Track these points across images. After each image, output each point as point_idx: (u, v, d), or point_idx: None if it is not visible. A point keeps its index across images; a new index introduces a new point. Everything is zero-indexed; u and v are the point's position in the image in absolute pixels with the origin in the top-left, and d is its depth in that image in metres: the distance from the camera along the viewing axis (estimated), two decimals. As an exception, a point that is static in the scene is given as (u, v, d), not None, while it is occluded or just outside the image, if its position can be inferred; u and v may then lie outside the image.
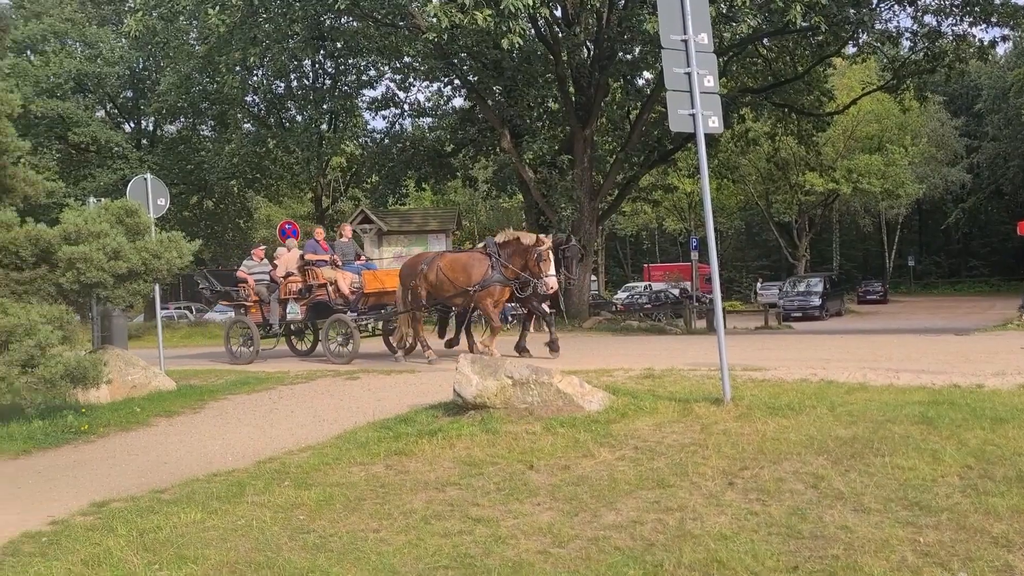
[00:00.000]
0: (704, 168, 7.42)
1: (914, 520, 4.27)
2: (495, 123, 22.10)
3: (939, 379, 7.60)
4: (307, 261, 13.56)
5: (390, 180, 27.37)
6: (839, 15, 17.68)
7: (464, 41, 18.52)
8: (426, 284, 12.24)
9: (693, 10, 7.20)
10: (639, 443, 6.15)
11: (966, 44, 20.65)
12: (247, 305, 14.13)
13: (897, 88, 24.11)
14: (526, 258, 11.64)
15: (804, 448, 5.59)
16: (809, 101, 25.43)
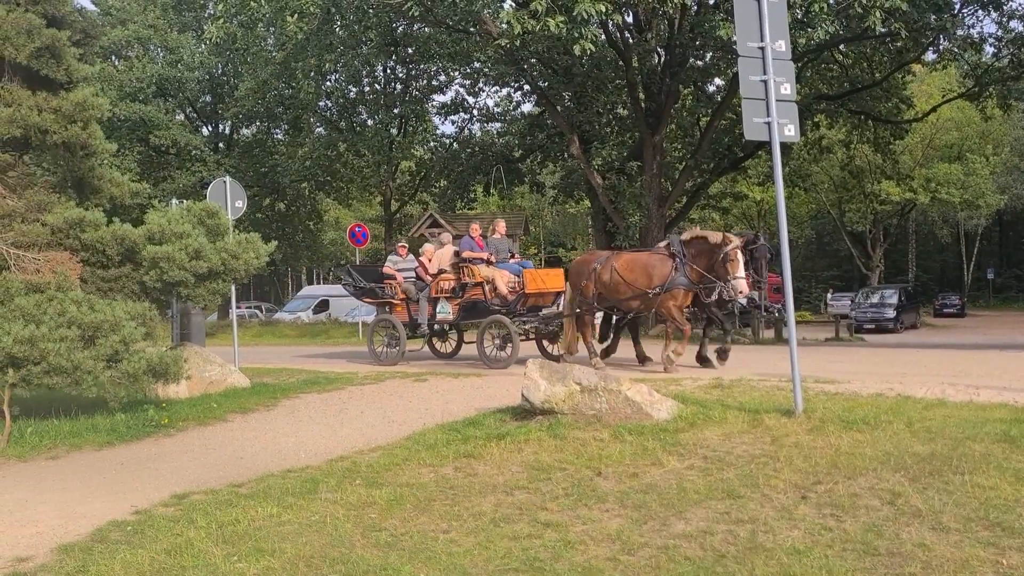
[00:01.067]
0: (779, 177, 7.33)
1: (996, 541, 4.16)
2: (564, 129, 22.12)
3: (1021, 397, 7.36)
4: (463, 258, 12.78)
5: (458, 184, 27.63)
6: (920, 21, 17.26)
7: (535, 47, 18.61)
8: (598, 285, 11.45)
9: (771, 17, 7.14)
10: (708, 452, 6.10)
11: (1054, 50, 19.95)
12: (393, 303, 13.48)
13: (979, 96, 23.40)
14: (711, 258, 10.70)
15: (880, 464, 5.48)
16: (887, 108, 24.84)
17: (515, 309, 12.31)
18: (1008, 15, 19.82)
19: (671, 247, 11.13)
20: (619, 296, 11.35)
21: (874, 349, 17.53)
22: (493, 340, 12.46)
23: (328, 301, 34.92)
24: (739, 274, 10.54)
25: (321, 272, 59.58)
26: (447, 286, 12.90)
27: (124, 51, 31.09)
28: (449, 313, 12.88)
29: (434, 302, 13.03)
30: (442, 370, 11.78)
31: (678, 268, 10.87)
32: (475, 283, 12.48)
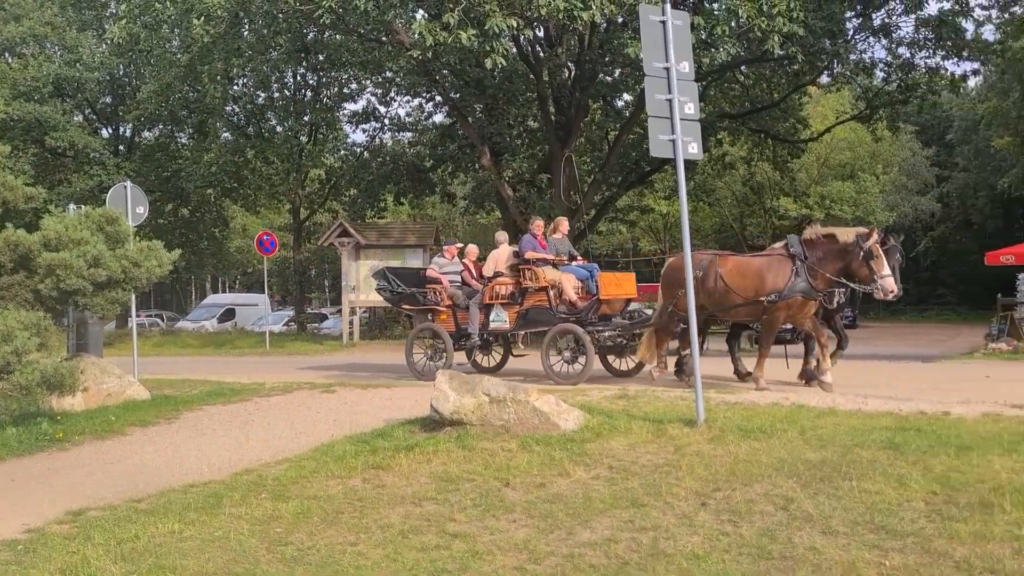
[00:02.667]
0: (683, 192, 7.58)
1: (880, 543, 4.40)
2: (475, 140, 22.25)
3: (906, 406, 7.78)
4: (525, 259, 11.43)
5: (368, 193, 27.44)
6: (815, 46, 18.04)
7: (447, 58, 18.70)
8: (701, 291, 9.78)
9: (675, 39, 7.38)
10: (614, 462, 6.25)
11: (938, 77, 21.14)
12: (438, 310, 12.18)
13: (870, 118, 24.57)
14: (847, 259, 9.50)
15: (775, 471, 5.72)
16: (785, 128, 25.84)
17: (587, 317, 11.14)
18: (896, 42, 20.91)
19: (789, 247, 9.89)
20: (726, 304, 10.10)
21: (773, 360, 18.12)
22: (561, 352, 11.19)
23: (234, 310, 34.15)
24: (885, 271, 9.37)
25: (227, 280, 58.14)
26: (504, 291, 11.61)
27: (18, 48, 29.73)
28: (505, 322, 11.58)
29: (487, 309, 11.70)
30: (351, 381, 11.68)
31: (799, 272, 9.57)
32: (539, 288, 11.25)
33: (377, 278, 13.25)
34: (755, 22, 15.62)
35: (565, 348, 11.14)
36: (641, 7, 7.43)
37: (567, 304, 11.17)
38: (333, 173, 30.10)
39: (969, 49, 20.01)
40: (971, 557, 4.09)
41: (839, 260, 9.59)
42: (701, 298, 9.80)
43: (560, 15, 15.24)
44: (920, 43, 20.52)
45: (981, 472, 5.36)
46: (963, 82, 22.91)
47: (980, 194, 44.69)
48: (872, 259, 9.33)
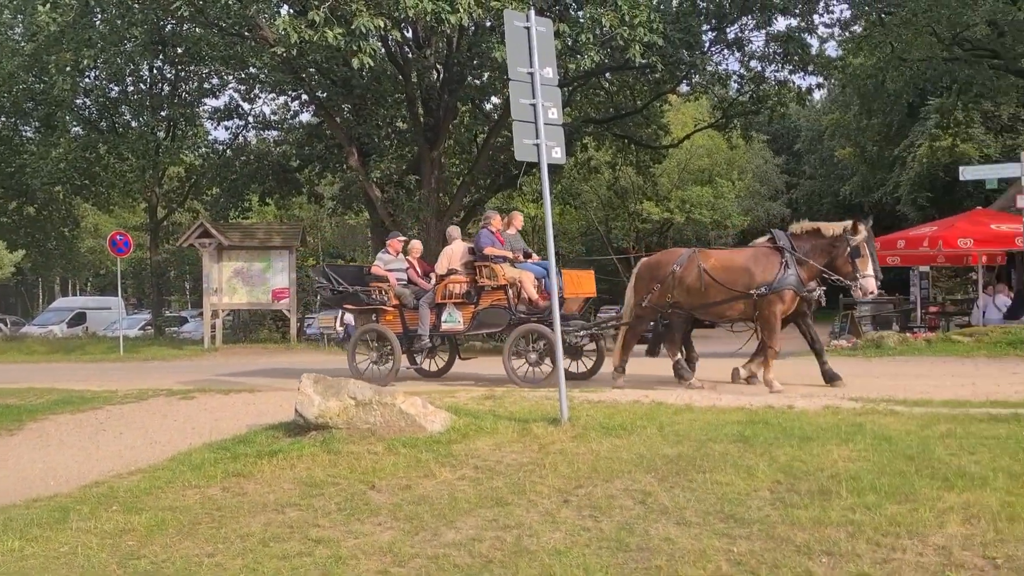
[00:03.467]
0: (547, 195, 7.72)
1: (729, 532, 4.63)
2: (343, 140, 21.94)
3: (756, 400, 8.20)
4: (484, 256, 10.84)
5: (232, 193, 26.60)
6: (674, 56, 18.74)
7: (313, 56, 18.35)
8: (677, 290, 9.74)
9: (539, 45, 7.51)
10: (479, 463, 6.31)
11: (787, 89, 22.33)
12: (384, 310, 11.41)
13: (726, 126, 25.71)
14: (832, 253, 9.38)
15: (634, 466, 5.91)
16: (647, 134, 26.71)
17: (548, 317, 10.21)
18: (749, 56, 21.99)
19: (776, 241, 9.65)
20: (709, 301, 9.69)
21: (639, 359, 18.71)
22: (526, 355, 10.65)
23: (85, 314, 32.35)
24: (869, 271, 9.27)
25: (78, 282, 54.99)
26: (458, 290, 11.03)
27: None
28: (459, 322, 11.00)
29: (438, 309, 11.10)
30: (212, 386, 11.29)
31: (788, 264, 9.34)
32: (497, 286, 10.73)
33: (316, 276, 12.55)
34: (618, 31, 16.09)
35: (531, 350, 10.60)
36: (506, 12, 7.55)
37: (526, 303, 10.71)
38: (194, 171, 28.99)
39: (814, 64, 21.24)
40: (811, 541, 4.37)
41: (825, 254, 9.45)
42: (679, 295, 9.77)
43: (428, 17, 15.23)
44: (770, 57, 21.65)
45: (821, 461, 5.71)
46: (809, 95, 24.30)
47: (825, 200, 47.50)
48: (858, 257, 9.22)
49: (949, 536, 4.29)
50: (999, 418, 6.79)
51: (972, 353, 12.59)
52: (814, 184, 48.22)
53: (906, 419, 6.96)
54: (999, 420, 6.72)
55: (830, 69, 21.92)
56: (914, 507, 4.70)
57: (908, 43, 20.16)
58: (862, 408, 7.59)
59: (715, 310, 9.85)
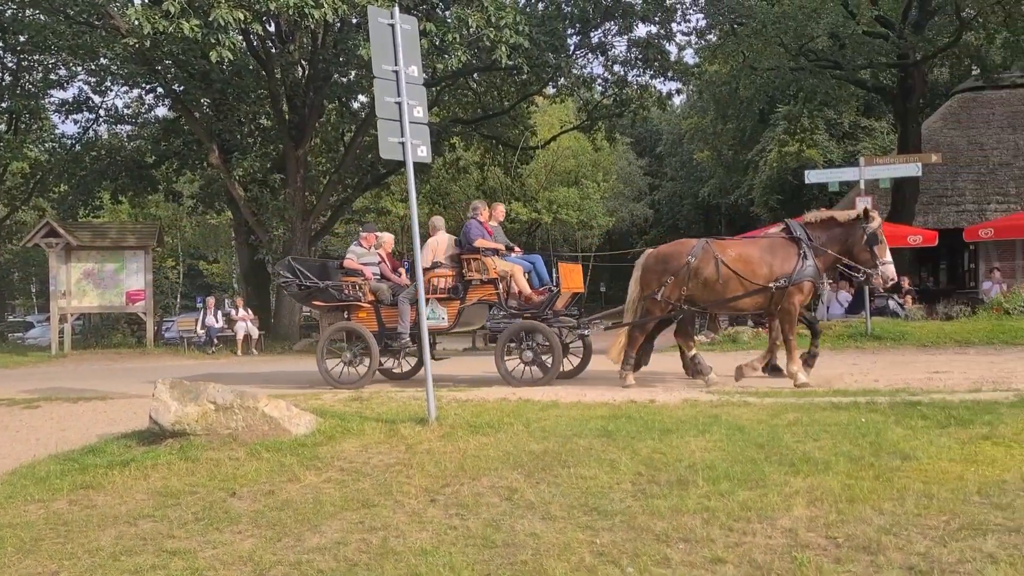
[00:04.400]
0: (412, 194, 7.68)
1: (592, 524, 4.73)
2: (202, 137, 21.17)
3: (619, 395, 8.43)
4: (474, 249, 10.29)
5: (81, 190, 25.18)
6: (540, 58, 19.06)
7: (169, 48, 17.60)
8: (692, 283, 9.40)
9: (404, 43, 7.47)
10: (345, 465, 6.21)
11: (648, 93, 23.09)
12: (358, 307, 10.75)
13: (590, 128, 26.35)
14: (848, 242, 9.18)
15: (501, 463, 5.96)
16: (514, 135, 27.05)
17: (544, 313, 10.20)
18: (612, 60, 22.60)
19: (791, 231, 9.41)
20: (726, 295, 9.32)
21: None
22: (520, 353, 10.14)
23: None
24: (887, 258, 9.10)
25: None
26: (442, 284, 10.46)
27: None
28: (443, 319, 10.43)
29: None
30: (59, 394, 10.65)
31: (805, 255, 9.12)
32: (488, 280, 10.26)
33: (280, 270, 11.56)
34: (484, 32, 16.22)
35: (525, 348, 10.12)
36: (370, 9, 7.45)
37: (516, 298, 10.29)
38: (39, 167, 27.27)
39: (673, 70, 22.06)
40: (669, 529, 4.51)
41: (840, 243, 9.29)
42: (695, 288, 9.45)
43: (291, 11, 14.89)
44: (632, 62, 22.34)
45: (680, 452, 5.93)
46: (669, 100, 25.25)
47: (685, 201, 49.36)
48: (876, 243, 9.06)
49: (795, 518, 4.52)
50: (840, 406, 7.23)
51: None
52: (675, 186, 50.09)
53: (758, 409, 7.32)
54: (840, 408, 7.16)
55: (688, 75, 22.81)
56: (764, 492, 4.93)
57: (758, 52, 21.22)
58: (718, 400, 7.93)
59: (733, 304, 9.54)
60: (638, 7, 20.61)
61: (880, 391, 8.23)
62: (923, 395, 7.73)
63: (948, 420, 6.43)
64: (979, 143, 26.44)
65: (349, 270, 10.97)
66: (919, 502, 4.60)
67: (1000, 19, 19.24)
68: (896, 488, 4.87)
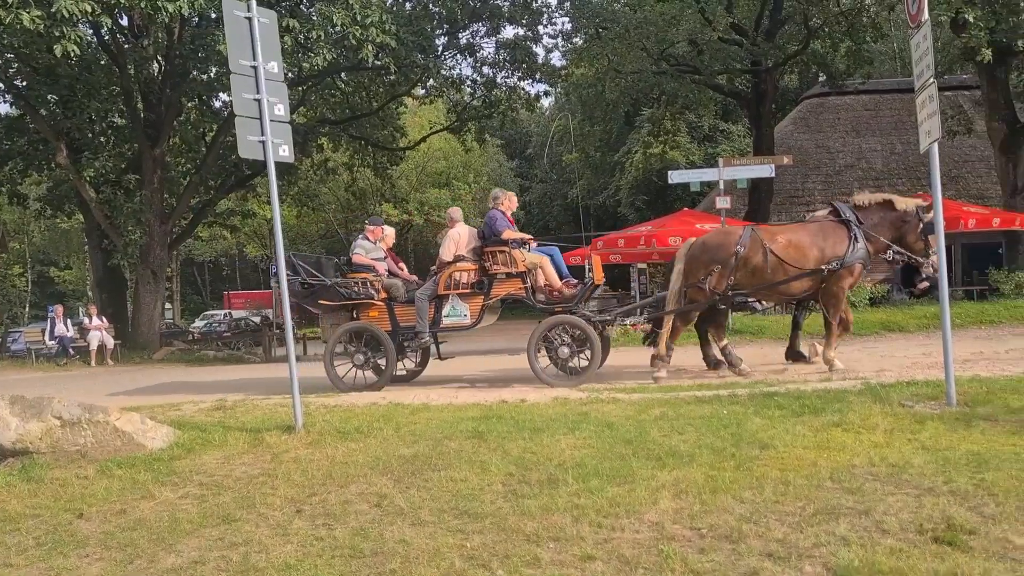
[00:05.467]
0: (275, 195, 7.42)
1: (463, 527, 4.66)
2: (49, 135, 19.91)
3: (491, 396, 8.41)
4: (502, 240, 9.70)
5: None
6: (407, 58, 18.89)
7: (9, 41, 16.46)
8: (740, 271, 9.28)
9: (263, 37, 7.20)
10: (205, 478, 5.92)
11: (517, 95, 23.28)
12: (371, 305, 9.99)
13: (460, 130, 26.34)
14: (904, 229, 9.19)
15: (370, 469, 5.82)
16: (384, 136, 26.72)
17: (576, 308, 9.69)
18: (481, 62, 22.67)
19: (840, 214, 9.32)
20: (775, 281, 9.22)
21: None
22: (555, 349, 9.64)
23: None
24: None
25: None
26: (465, 279, 9.81)
27: None
28: (466, 316, 9.81)
29: (438, 302, 9.84)
30: None
31: (856, 238, 9.08)
32: (516, 273, 9.68)
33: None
34: (350, 30, 15.93)
35: (561, 344, 9.63)
36: (225, 1, 7.13)
37: (545, 292, 9.80)
38: None
39: (541, 72, 22.33)
40: (539, 529, 4.50)
41: (895, 229, 9.31)
42: (743, 277, 9.34)
43: (143, 4, 14.17)
44: (500, 64, 22.47)
45: (550, 451, 5.95)
46: (537, 101, 25.51)
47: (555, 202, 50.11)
48: (931, 234, 8.89)
49: (662, 512, 4.60)
50: (704, 400, 7.45)
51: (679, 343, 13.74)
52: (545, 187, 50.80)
53: (626, 405, 7.45)
54: (704, 402, 7.37)
55: (555, 77, 23.13)
56: (632, 487, 5.00)
57: (622, 56, 21.75)
58: (588, 398, 8.03)
59: (782, 289, 9.41)
60: (505, 9, 20.76)
61: (740, 383, 8.54)
62: (779, 386, 8.06)
63: (802, 409, 6.73)
64: (826, 146, 28.02)
65: (358, 266, 10.27)
66: (777, 489, 4.76)
67: (843, 29, 20.41)
68: (755, 477, 5.03)
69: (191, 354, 20.60)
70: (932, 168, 6.93)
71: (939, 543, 3.90)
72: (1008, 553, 3.76)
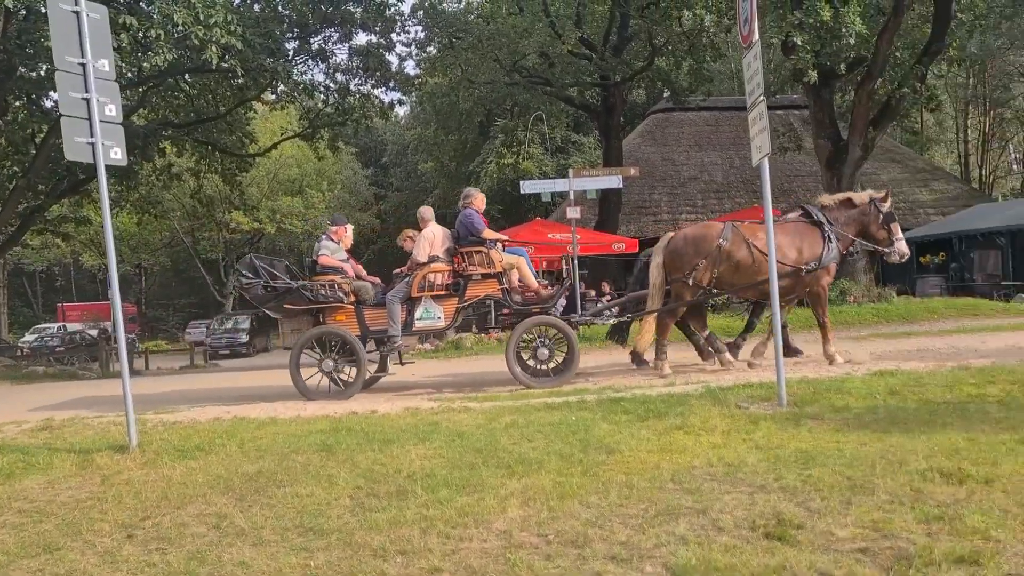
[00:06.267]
0: (105, 201, 7.02)
1: (308, 545, 4.51)
2: None
3: (341, 408, 8.23)
4: (479, 240, 9.58)
5: None
6: (255, 61, 18.29)
7: None
8: (723, 266, 9.43)
9: (92, 33, 6.80)
10: (25, 505, 5.49)
11: (370, 103, 22.98)
12: (339, 308, 9.54)
13: (313, 136, 25.74)
14: (863, 222, 9.66)
15: (210, 489, 5.56)
16: (232, 141, 25.77)
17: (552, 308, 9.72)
18: (334, 68, 22.26)
19: (812, 215, 9.66)
20: (757, 278, 9.36)
21: (226, 373, 17.94)
22: (535, 350, 9.60)
23: None
24: (900, 234, 9.68)
25: None
26: (439, 280, 9.59)
27: None
28: (439, 319, 9.57)
29: (410, 304, 9.56)
30: None
31: (830, 239, 9.44)
32: (492, 274, 9.56)
33: (242, 269, 9.94)
34: (192, 30, 15.29)
35: (540, 345, 9.60)
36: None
37: (527, 294, 9.76)
38: None
39: (395, 80, 22.15)
40: (386, 543, 4.41)
41: (858, 224, 9.73)
42: (726, 272, 9.47)
43: (-40, -6, 13.12)
44: (353, 71, 22.13)
45: (400, 462, 5.86)
46: (392, 110, 25.29)
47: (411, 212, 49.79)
48: (892, 221, 9.58)
49: (510, 520, 4.61)
50: (553, 406, 7.56)
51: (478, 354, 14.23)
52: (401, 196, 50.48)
53: (477, 414, 7.45)
54: (553, 408, 7.48)
55: (409, 86, 23.01)
56: (481, 496, 4.99)
57: (475, 67, 21.92)
58: (439, 407, 7.99)
59: (763, 287, 9.40)
60: (358, 15, 20.47)
61: (589, 389, 8.72)
62: (626, 391, 8.28)
63: (647, 413, 6.93)
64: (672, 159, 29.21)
65: (325, 268, 9.84)
66: (621, 493, 4.87)
67: (685, 48, 21.34)
68: (602, 481, 5.13)
69: (18, 371, 19.18)
70: (763, 181, 7.31)
71: (770, 538, 4.09)
72: (832, 545, 3.97)
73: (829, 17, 14.16)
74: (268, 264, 9.96)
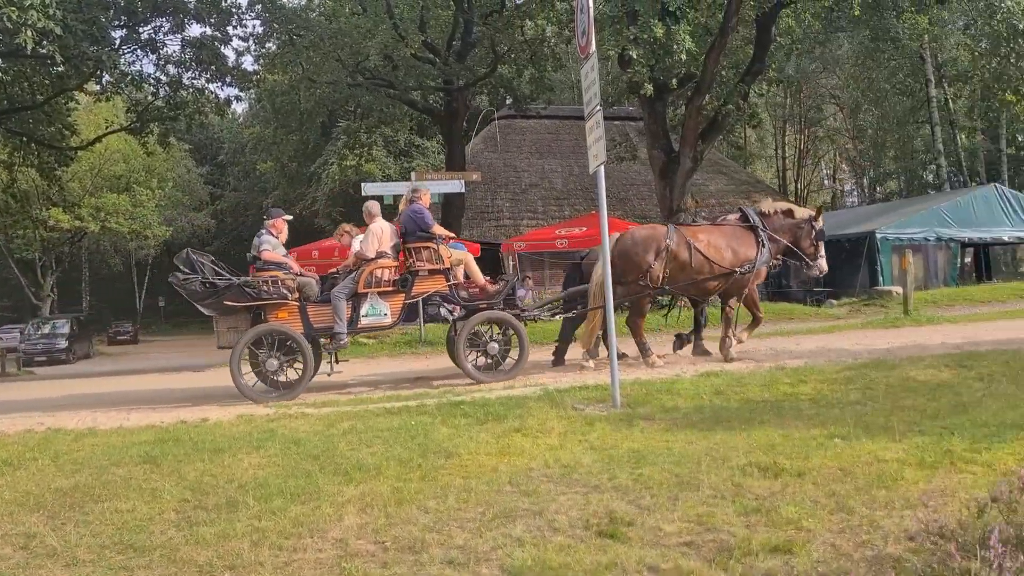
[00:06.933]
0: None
1: (127, 563, 4.26)
2: None
3: (168, 417, 7.83)
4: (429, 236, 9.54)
5: None
6: (76, 48, 17.11)
7: None
8: (672, 265, 9.76)
9: None
10: None
11: (205, 98, 21.99)
12: (283, 305, 9.15)
13: (141, 131, 24.38)
14: (797, 234, 10.19)
15: (18, 507, 5.15)
16: (51, 133, 23.99)
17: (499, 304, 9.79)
18: (165, 59, 21.14)
19: (748, 219, 10.11)
20: (698, 278, 9.85)
21: (42, 382, 16.72)
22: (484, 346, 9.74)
23: None
24: (823, 252, 10.24)
25: None
26: (386, 276, 9.39)
27: None
28: (386, 315, 9.44)
29: (355, 301, 9.30)
30: None
31: (764, 243, 9.92)
32: (440, 270, 9.55)
33: (180, 263, 9.27)
34: (5, 11, 14.14)
35: (490, 340, 9.75)
36: None
37: (473, 290, 9.87)
38: None
39: (231, 76, 21.29)
40: (214, 558, 4.22)
41: (791, 234, 10.25)
42: (673, 271, 9.82)
43: None
44: (186, 63, 21.10)
45: (231, 472, 5.63)
46: (228, 106, 24.32)
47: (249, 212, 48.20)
48: (822, 239, 10.26)
49: (346, 528, 4.52)
50: (392, 411, 7.49)
51: (375, 353, 13.94)
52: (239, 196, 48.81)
53: (315, 420, 7.28)
54: (393, 413, 7.41)
55: (247, 82, 22.21)
56: (317, 505, 4.87)
57: (317, 65, 21.45)
58: (275, 414, 7.75)
59: (702, 286, 10.04)
60: (191, 5, 19.56)
61: (430, 393, 8.71)
62: (466, 395, 8.33)
63: (486, 417, 6.99)
64: (513, 166, 29.68)
65: (268, 264, 9.39)
66: (459, 497, 4.88)
67: (527, 56, 21.72)
68: (440, 486, 5.12)
69: None
70: (598, 188, 7.54)
71: (603, 536, 4.21)
72: (660, 540, 4.14)
73: (662, 34, 14.77)
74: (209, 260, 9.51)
